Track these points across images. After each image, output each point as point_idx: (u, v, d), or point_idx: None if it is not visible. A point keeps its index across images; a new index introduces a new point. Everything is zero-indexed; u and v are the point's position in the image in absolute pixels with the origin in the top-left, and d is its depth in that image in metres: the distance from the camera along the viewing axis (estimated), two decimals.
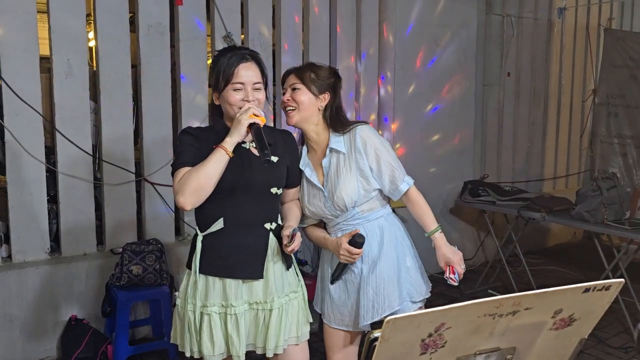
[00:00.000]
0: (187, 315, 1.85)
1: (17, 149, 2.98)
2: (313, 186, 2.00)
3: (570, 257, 5.03)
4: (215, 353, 1.83)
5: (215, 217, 1.83)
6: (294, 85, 1.97)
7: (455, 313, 0.95)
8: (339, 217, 1.99)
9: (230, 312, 1.82)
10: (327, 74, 2.01)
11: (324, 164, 1.99)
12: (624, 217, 3.53)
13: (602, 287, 0.98)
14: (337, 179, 1.95)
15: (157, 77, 3.35)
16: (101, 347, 2.98)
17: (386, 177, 1.96)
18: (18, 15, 2.92)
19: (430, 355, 1.00)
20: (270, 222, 1.88)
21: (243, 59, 1.83)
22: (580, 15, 5.42)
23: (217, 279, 1.83)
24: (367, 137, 1.96)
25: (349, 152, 1.96)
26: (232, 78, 1.80)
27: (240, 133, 1.73)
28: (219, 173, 1.72)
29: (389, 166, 1.96)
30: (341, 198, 1.94)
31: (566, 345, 1.09)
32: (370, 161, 1.95)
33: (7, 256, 3.08)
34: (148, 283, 3.03)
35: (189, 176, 1.72)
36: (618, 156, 4.98)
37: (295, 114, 1.96)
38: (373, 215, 2.00)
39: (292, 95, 1.96)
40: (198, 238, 1.87)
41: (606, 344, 3.35)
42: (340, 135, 1.99)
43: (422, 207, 2.01)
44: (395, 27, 4.09)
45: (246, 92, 1.81)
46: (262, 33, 3.68)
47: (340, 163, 1.97)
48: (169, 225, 3.50)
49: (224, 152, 1.72)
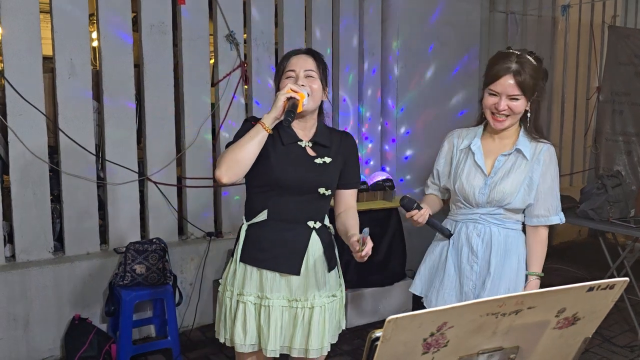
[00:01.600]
0: (224, 302, 1.89)
1: (21, 148, 2.99)
2: (478, 169, 1.99)
3: (575, 255, 5.01)
4: (246, 343, 1.84)
5: (260, 208, 1.85)
6: (514, 96, 1.89)
7: (458, 312, 0.94)
8: (481, 208, 1.99)
9: (264, 303, 1.83)
10: (538, 72, 1.93)
11: (501, 159, 1.97)
12: (629, 215, 3.51)
13: (606, 286, 0.97)
14: (507, 176, 1.95)
15: (160, 76, 3.35)
16: (105, 346, 2.98)
17: (546, 202, 1.97)
18: (21, 15, 2.92)
19: (433, 355, 0.99)
20: (314, 220, 1.87)
21: (298, 52, 1.88)
22: (585, 12, 5.39)
23: (255, 269, 1.85)
24: (551, 158, 1.98)
25: (530, 160, 1.96)
26: (286, 68, 1.84)
27: (277, 106, 1.74)
28: (256, 148, 1.74)
29: (554, 194, 1.98)
30: (501, 192, 1.94)
31: (570, 345, 1.08)
32: (544, 178, 1.96)
33: (10, 256, 3.08)
34: (151, 282, 3.04)
35: (227, 151, 1.76)
36: (623, 154, 4.96)
37: (507, 121, 1.93)
38: (511, 224, 2.01)
39: (509, 104, 1.90)
40: (243, 227, 1.89)
41: (612, 343, 3.33)
42: (528, 140, 1.98)
43: (543, 248, 2.02)
44: (399, 25, 4.08)
45: (298, 78, 1.82)
46: (264, 32, 3.67)
47: (517, 164, 1.96)
48: (172, 224, 3.50)
49: (260, 127, 1.74)
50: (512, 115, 1.92)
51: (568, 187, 5.42)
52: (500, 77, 1.88)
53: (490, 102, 1.92)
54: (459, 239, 2.04)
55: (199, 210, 3.60)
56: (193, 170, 3.54)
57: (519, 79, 1.87)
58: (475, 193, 1.98)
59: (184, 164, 3.53)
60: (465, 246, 2.02)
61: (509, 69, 1.88)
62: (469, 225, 2.02)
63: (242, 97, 3.66)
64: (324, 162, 1.87)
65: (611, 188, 3.52)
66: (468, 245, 2.01)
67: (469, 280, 2.01)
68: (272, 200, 1.83)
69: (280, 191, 1.82)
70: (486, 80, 1.94)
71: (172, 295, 3.10)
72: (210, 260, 3.50)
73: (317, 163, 1.86)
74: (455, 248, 2.05)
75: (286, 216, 1.84)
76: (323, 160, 1.87)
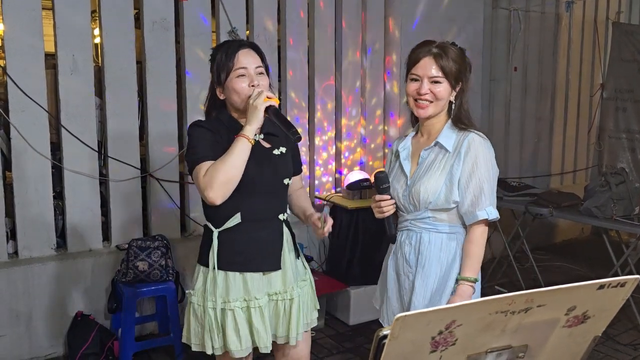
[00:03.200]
0: (207, 313, 1.83)
1: (23, 145, 2.98)
2: (402, 171, 1.89)
3: (578, 253, 5.00)
4: (243, 347, 1.83)
5: (230, 212, 1.81)
6: (435, 78, 1.79)
7: (467, 310, 0.93)
8: (409, 214, 1.86)
9: (254, 305, 1.82)
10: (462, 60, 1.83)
11: (423, 155, 1.85)
12: (633, 213, 3.50)
13: (617, 284, 0.96)
14: (426, 173, 1.82)
15: (162, 73, 3.34)
16: (107, 343, 2.98)
17: (469, 196, 1.77)
18: (23, 12, 2.91)
19: (441, 353, 0.98)
20: (282, 213, 1.90)
21: (240, 47, 1.83)
22: (588, 8, 5.37)
23: (237, 273, 1.82)
24: (475, 147, 1.79)
25: (452, 153, 1.81)
26: (234, 65, 1.78)
27: (258, 118, 1.71)
28: (244, 162, 1.72)
29: (478, 185, 1.77)
30: (418, 192, 1.80)
31: (579, 343, 1.07)
32: (463, 170, 1.78)
33: (13, 252, 3.08)
34: (154, 279, 3.03)
35: (215, 170, 1.70)
36: (626, 151, 4.94)
37: (431, 107, 1.81)
38: (445, 228, 1.82)
39: (432, 89, 1.79)
40: (213, 234, 1.84)
41: (615, 341, 3.32)
42: (454, 131, 1.84)
43: (478, 250, 1.80)
44: (401, 22, 4.06)
45: (250, 77, 1.79)
46: (267, 28, 3.66)
47: (438, 159, 1.82)
48: (175, 221, 3.49)
49: (245, 140, 1.71)
50: (435, 102, 1.79)
51: (572, 185, 5.40)
52: (421, 60, 1.80)
53: (412, 88, 1.81)
54: (395, 249, 1.92)
55: (202, 207, 3.59)
56: None
57: (440, 61, 1.78)
58: (400, 197, 1.86)
59: None
60: (400, 256, 1.89)
61: (430, 51, 1.80)
62: (402, 233, 1.89)
63: None
64: (281, 152, 1.89)
65: (615, 185, 3.50)
66: (402, 255, 1.88)
67: (405, 291, 1.89)
68: (244, 201, 1.80)
69: (251, 191, 1.80)
70: (408, 68, 1.84)
71: (175, 292, 3.09)
72: None
73: (276, 155, 1.87)
74: (394, 259, 1.93)
75: (260, 214, 1.84)
76: (280, 151, 1.88)
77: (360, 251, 3.55)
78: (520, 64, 4.91)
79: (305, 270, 2.00)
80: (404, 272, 1.88)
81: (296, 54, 3.79)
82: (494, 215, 1.79)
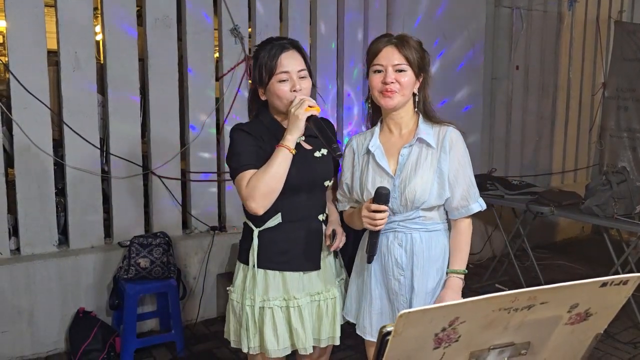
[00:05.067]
0: (244, 310, 1.83)
1: (25, 142, 2.99)
2: (382, 171, 1.79)
3: (579, 251, 5.00)
4: (280, 347, 1.81)
5: (271, 212, 1.79)
6: (400, 66, 1.74)
7: (470, 307, 0.94)
8: (397, 215, 1.79)
9: (293, 304, 1.82)
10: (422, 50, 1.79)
11: (404, 153, 1.78)
12: (634, 212, 3.50)
13: (619, 282, 0.96)
14: (415, 171, 1.76)
15: (165, 70, 3.34)
16: (109, 340, 2.99)
17: (459, 190, 1.77)
18: (26, 9, 2.92)
19: (444, 350, 0.99)
20: (322, 213, 1.90)
21: (284, 49, 1.78)
22: (591, 7, 5.37)
23: (276, 272, 1.82)
24: (456, 141, 1.78)
25: (436, 148, 1.77)
26: (276, 69, 1.75)
27: (299, 128, 1.69)
28: (285, 172, 1.70)
29: (466, 180, 1.78)
30: (413, 192, 1.74)
31: (581, 340, 1.08)
32: (451, 166, 1.76)
33: (15, 249, 3.09)
34: (155, 276, 3.04)
35: (257, 180, 1.68)
36: (627, 150, 4.94)
37: (398, 96, 1.75)
38: (434, 225, 1.81)
39: (397, 78, 1.74)
40: (254, 233, 1.84)
41: (615, 339, 3.32)
42: (430, 126, 1.80)
43: (465, 242, 1.82)
44: (403, 20, 4.06)
45: (292, 81, 1.76)
46: (269, 26, 3.66)
47: (423, 155, 1.77)
48: (176, 218, 3.50)
49: (286, 150, 1.69)
50: (401, 92, 1.74)
51: (573, 184, 5.41)
52: (382, 49, 1.76)
53: (376, 79, 1.76)
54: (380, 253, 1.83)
55: (203, 204, 3.60)
56: (197, 164, 3.54)
57: (402, 49, 1.74)
58: None
59: (188, 157, 3.52)
60: (389, 260, 1.81)
61: (390, 41, 1.77)
62: (389, 235, 1.81)
63: (246, 91, 3.64)
64: (322, 154, 1.87)
65: (616, 184, 3.50)
66: (391, 259, 1.81)
67: (399, 296, 1.82)
68: (285, 202, 1.78)
69: (292, 192, 1.79)
70: (369, 61, 1.80)
71: (176, 289, 3.10)
72: (214, 254, 3.49)
73: (317, 157, 1.86)
74: (379, 264, 1.84)
75: (300, 215, 1.83)
76: (321, 153, 1.87)
77: None
78: (522, 63, 4.91)
79: (342, 270, 2.01)
80: (394, 275, 1.81)
81: None
82: (484, 205, 1.83)
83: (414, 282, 1.80)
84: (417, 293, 1.80)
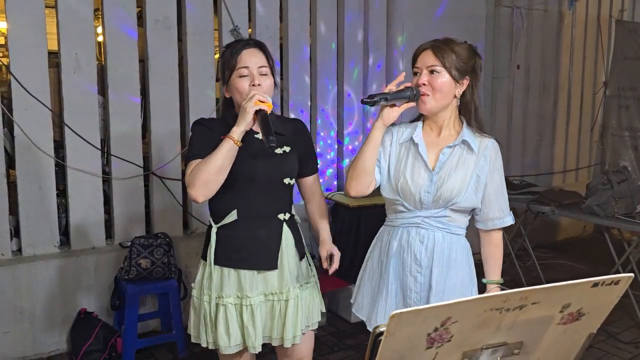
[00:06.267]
0: (202, 306, 1.86)
1: (27, 143, 3.00)
2: (421, 164, 1.79)
3: (580, 251, 4.99)
4: (231, 344, 1.83)
5: (228, 208, 1.83)
6: (433, 67, 1.74)
7: (462, 307, 0.94)
8: (425, 210, 1.79)
9: (245, 303, 1.83)
10: (468, 54, 1.79)
11: (446, 151, 1.79)
12: (635, 211, 3.50)
13: (611, 282, 0.97)
14: (455, 171, 1.77)
15: (165, 71, 3.35)
16: (110, 340, 3.00)
17: (498, 203, 1.82)
18: (27, 10, 2.93)
19: (436, 350, 0.99)
20: (284, 212, 1.88)
21: (246, 46, 1.83)
22: (592, 6, 5.36)
23: (232, 270, 1.83)
24: (498, 154, 1.84)
25: (477, 154, 1.80)
26: (237, 64, 1.79)
27: (246, 121, 1.70)
28: (229, 164, 1.71)
29: (503, 194, 1.85)
30: (450, 190, 1.75)
31: (574, 340, 1.08)
32: (492, 178, 1.81)
33: (17, 250, 3.10)
34: (156, 276, 3.05)
35: (199, 169, 1.71)
36: (629, 149, 4.93)
37: (430, 100, 1.75)
38: (456, 229, 1.83)
39: (430, 80, 1.74)
40: (212, 230, 1.87)
41: (616, 339, 3.32)
42: (472, 132, 1.81)
43: (501, 253, 1.92)
44: (403, 20, 4.06)
45: (252, 76, 1.78)
46: (269, 27, 3.67)
47: (463, 158, 1.79)
48: (177, 219, 3.51)
49: (232, 142, 1.70)
50: (434, 95, 1.74)
51: (574, 183, 5.40)
52: (421, 53, 1.79)
53: (413, 81, 1.78)
54: (400, 247, 1.83)
55: (204, 205, 3.59)
56: None
57: (438, 52, 1.74)
58: (421, 192, 1.77)
59: None
60: (408, 255, 1.82)
61: (429, 44, 1.79)
62: (410, 230, 1.81)
63: None
64: (284, 151, 1.86)
65: (617, 184, 3.50)
66: (411, 254, 1.81)
67: (412, 292, 1.83)
68: (240, 198, 1.81)
69: (247, 188, 1.80)
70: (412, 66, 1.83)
71: (177, 289, 3.11)
72: None
73: (277, 153, 1.85)
74: (397, 258, 1.84)
75: (257, 212, 1.83)
76: (283, 150, 1.86)
77: (361, 249, 3.54)
78: (523, 62, 4.91)
79: (311, 273, 1.98)
80: (410, 271, 1.82)
81: (299, 52, 3.79)
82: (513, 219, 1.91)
83: (432, 281, 1.81)
84: (435, 293, 1.81)
